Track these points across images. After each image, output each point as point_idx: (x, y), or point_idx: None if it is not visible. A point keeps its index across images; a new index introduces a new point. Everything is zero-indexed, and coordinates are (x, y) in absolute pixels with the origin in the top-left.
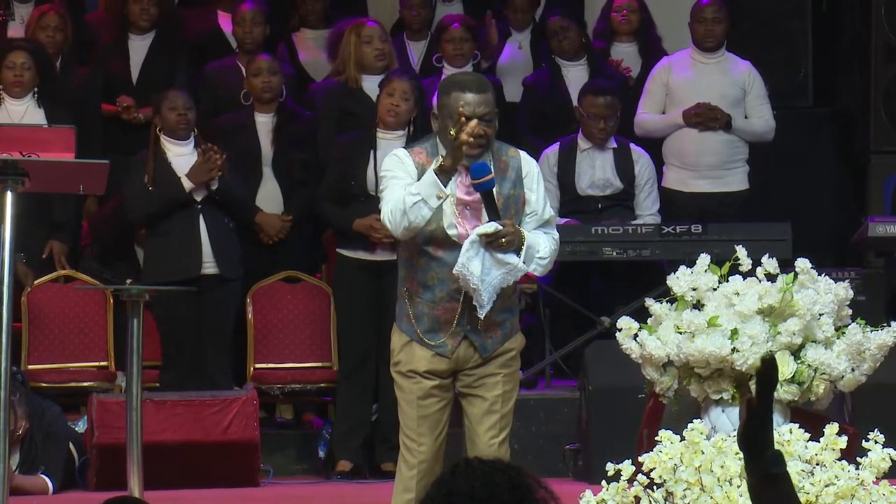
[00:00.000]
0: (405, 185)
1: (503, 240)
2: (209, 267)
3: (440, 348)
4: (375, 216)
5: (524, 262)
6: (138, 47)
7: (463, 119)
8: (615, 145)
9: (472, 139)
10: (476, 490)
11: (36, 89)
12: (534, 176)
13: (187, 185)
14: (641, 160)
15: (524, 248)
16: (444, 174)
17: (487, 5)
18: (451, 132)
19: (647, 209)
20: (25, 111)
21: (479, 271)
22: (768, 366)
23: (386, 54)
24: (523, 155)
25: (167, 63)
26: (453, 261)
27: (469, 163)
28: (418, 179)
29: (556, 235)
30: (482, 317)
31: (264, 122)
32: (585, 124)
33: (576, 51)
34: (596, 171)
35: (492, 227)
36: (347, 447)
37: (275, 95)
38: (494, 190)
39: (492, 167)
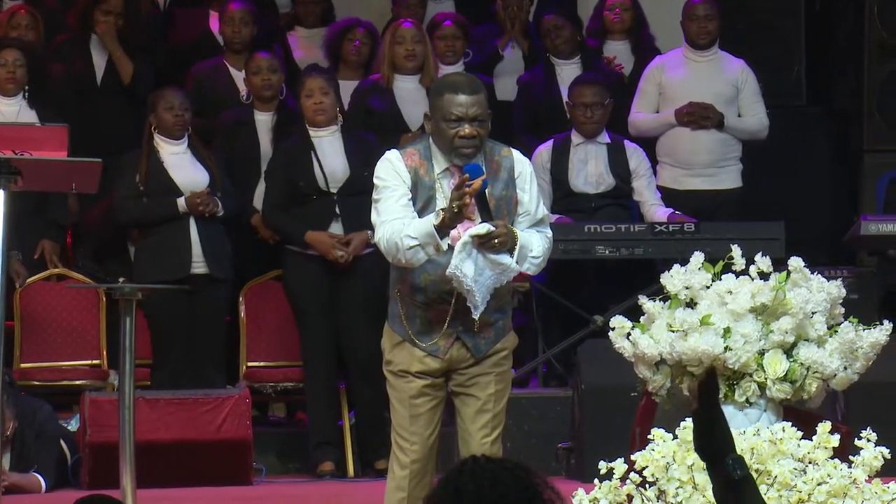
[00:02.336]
0: (400, 195)
1: (496, 241)
2: (199, 267)
3: (432, 349)
4: (331, 236)
5: (517, 262)
6: (101, 48)
7: (464, 188)
8: (608, 140)
9: (469, 200)
10: (484, 489)
11: (26, 88)
12: (526, 176)
13: (181, 207)
14: (635, 155)
15: (517, 247)
16: (443, 229)
17: (479, 4)
18: (450, 205)
19: (651, 199)
20: (19, 111)
21: (473, 272)
22: (709, 376)
23: (417, 55)
24: (516, 154)
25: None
26: (446, 262)
27: (462, 163)
28: (412, 183)
29: (550, 234)
30: (476, 318)
31: (264, 121)
32: (574, 116)
33: (570, 50)
34: (589, 166)
35: (484, 228)
36: (324, 449)
37: (275, 93)
38: (487, 191)
39: (484, 168)
